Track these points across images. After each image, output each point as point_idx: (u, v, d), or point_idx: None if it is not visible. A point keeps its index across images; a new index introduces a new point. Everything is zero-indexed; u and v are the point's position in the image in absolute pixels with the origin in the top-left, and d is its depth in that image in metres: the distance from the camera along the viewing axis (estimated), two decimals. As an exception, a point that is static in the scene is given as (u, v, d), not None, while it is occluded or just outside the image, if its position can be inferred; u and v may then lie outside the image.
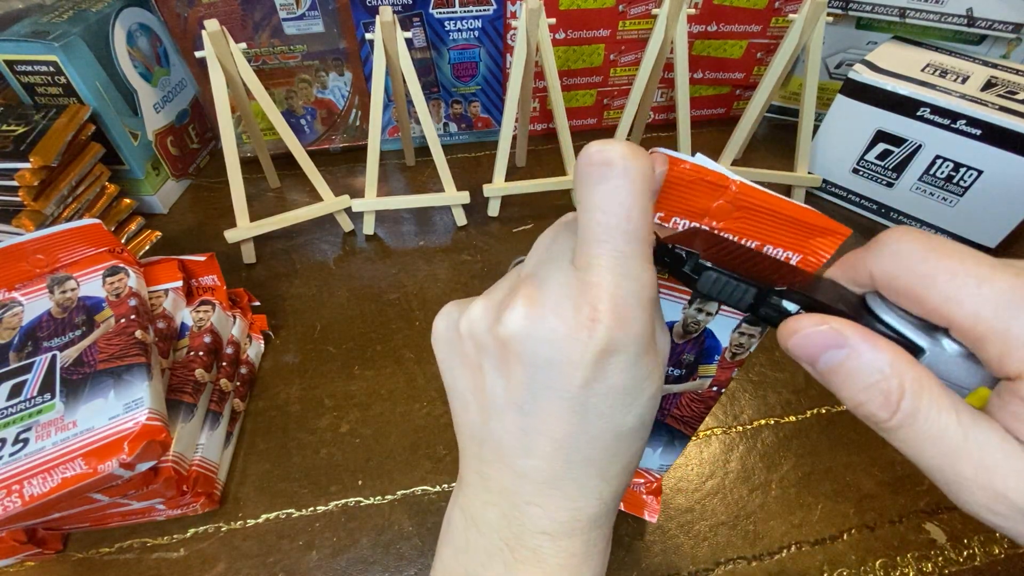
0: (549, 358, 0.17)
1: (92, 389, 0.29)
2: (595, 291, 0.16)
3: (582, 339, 0.16)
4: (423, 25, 0.52)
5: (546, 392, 0.18)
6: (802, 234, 0.18)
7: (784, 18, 0.56)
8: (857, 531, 0.32)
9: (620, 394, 0.17)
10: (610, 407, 0.18)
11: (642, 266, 0.16)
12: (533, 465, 0.19)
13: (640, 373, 0.17)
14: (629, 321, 0.16)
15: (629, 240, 0.16)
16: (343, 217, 0.51)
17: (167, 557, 0.31)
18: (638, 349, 0.17)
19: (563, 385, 0.17)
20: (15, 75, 0.44)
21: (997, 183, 0.44)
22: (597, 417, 0.18)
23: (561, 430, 0.18)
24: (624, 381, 0.17)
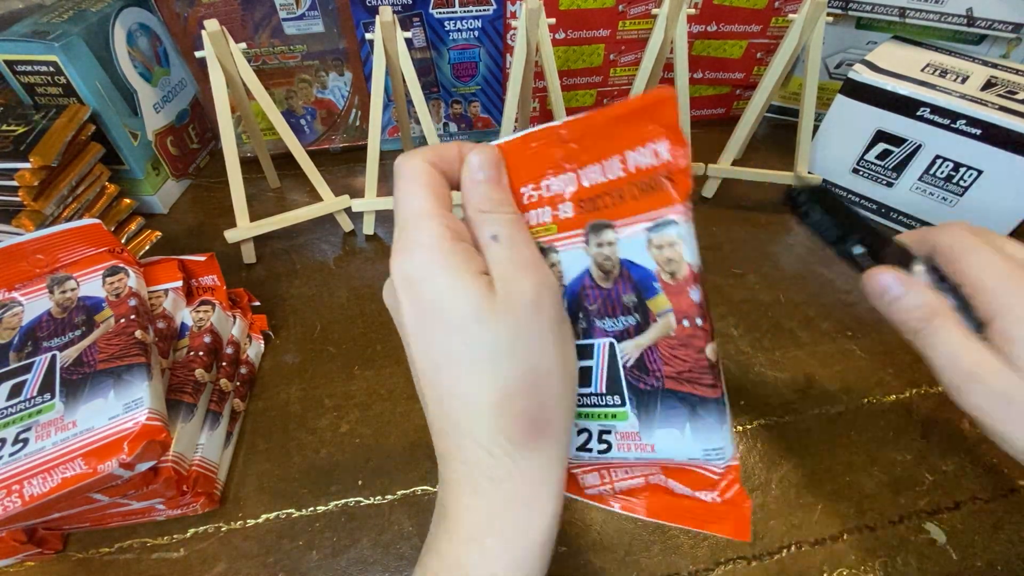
0: (391, 311, 0.23)
1: (92, 389, 0.29)
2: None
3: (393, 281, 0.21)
4: (423, 25, 0.52)
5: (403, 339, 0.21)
6: (641, 121, 0.20)
7: (784, 18, 0.56)
8: (857, 531, 0.32)
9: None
10: (431, 331, 0.20)
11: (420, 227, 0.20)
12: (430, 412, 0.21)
13: (443, 288, 0.19)
14: (406, 247, 0.20)
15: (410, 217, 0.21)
16: (343, 217, 0.51)
17: (167, 557, 0.31)
18: (428, 269, 0.19)
19: (403, 328, 0.21)
20: (15, 75, 0.44)
21: (997, 183, 0.44)
22: (423, 344, 0.20)
23: (416, 368, 0.21)
24: (429, 302, 0.20)
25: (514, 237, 0.21)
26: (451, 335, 0.19)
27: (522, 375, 0.19)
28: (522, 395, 0.19)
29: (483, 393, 0.19)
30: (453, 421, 0.20)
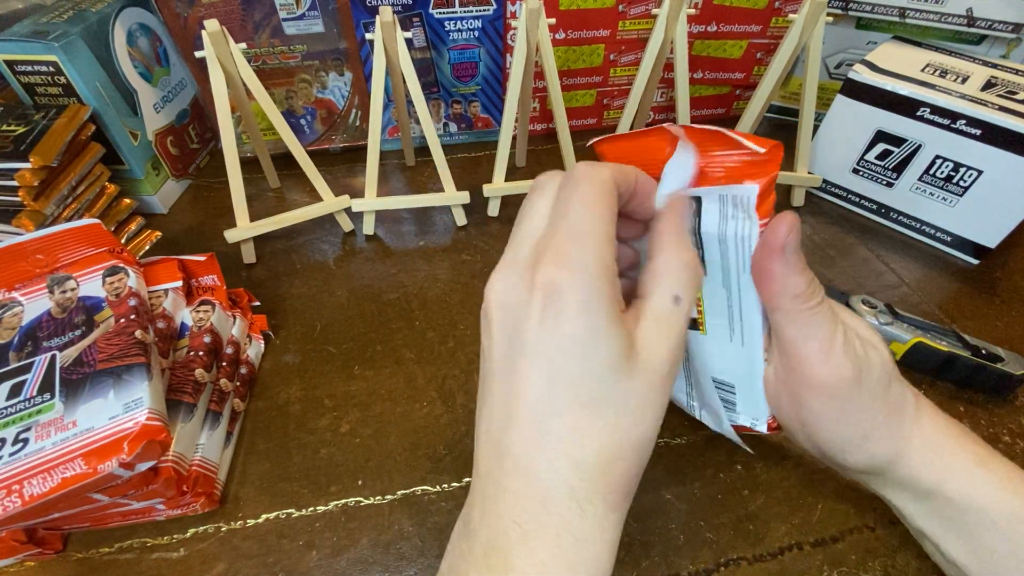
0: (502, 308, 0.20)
1: (92, 389, 0.29)
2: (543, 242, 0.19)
3: (526, 280, 0.19)
4: (423, 25, 0.52)
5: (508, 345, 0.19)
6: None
7: (784, 18, 0.56)
8: (857, 531, 0.32)
9: (570, 343, 0.18)
10: (563, 358, 0.18)
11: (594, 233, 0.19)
12: (512, 437, 0.19)
13: (594, 323, 0.18)
14: (574, 263, 0.18)
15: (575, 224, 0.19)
16: (343, 217, 0.51)
17: (167, 557, 0.31)
18: (587, 294, 0.18)
19: (521, 334, 0.19)
20: (15, 75, 0.44)
21: (997, 183, 0.44)
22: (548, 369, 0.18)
23: (526, 388, 0.19)
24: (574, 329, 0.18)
25: (690, 308, 0.20)
26: (583, 374, 0.18)
27: (635, 440, 0.19)
28: (628, 460, 0.19)
29: (597, 447, 0.18)
30: (544, 463, 0.18)
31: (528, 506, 0.18)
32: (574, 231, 0.18)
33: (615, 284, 0.18)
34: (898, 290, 0.46)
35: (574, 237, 0.18)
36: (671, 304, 0.19)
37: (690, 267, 0.20)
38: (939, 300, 0.45)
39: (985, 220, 0.46)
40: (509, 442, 0.19)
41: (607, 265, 0.18)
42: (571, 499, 0.18)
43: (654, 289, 0.20)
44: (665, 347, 0.19)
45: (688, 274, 0.20)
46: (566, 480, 0.18)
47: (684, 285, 0.20)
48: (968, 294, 0.46)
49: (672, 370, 0.19)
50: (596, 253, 0.18)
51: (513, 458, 0.19)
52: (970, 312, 0.44)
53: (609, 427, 0.18)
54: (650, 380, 0.19)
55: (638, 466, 0.19)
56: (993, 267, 0.48)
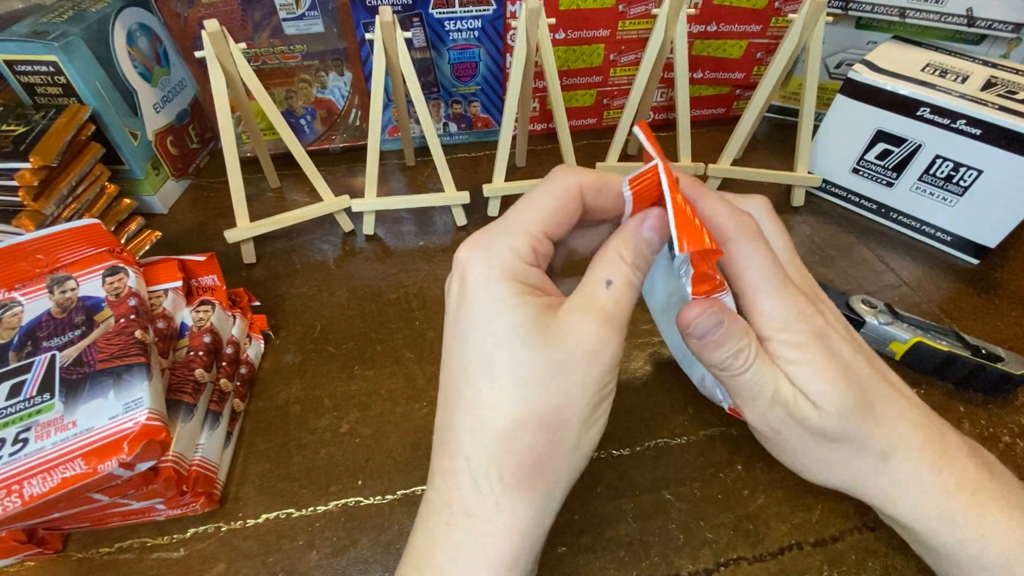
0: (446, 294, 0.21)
1: (92, 389, 0.29)
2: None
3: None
4: (423, 25, 0.52)
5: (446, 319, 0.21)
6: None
7: (784, 18, 0.56)
8: (857, 531, 0.32)
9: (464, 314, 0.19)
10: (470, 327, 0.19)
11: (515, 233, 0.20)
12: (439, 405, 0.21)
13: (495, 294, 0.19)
14: (482, 244, 0.20)
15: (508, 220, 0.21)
16: (343, 217, 0.51)
17: (167, 557, 0.31)
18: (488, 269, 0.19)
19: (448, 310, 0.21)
20: (15, 75, 0.44)
21: (997, 183, 0.44)
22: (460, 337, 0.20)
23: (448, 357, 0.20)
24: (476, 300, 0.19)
25: (624, 296, 0.20)
26: (491, 343, 0.18)
27: (544, 412, 0.18)
28: (535, 432, 0.18)
29: (497, 413, 0.18)
30: (455, 435, 0.19)
31: (435, 481, 0.19)
32: (505, 221, 0.20)
33: (522, 268, 0.19)
34: (898, 290, 0.46)
35: (500, 225, 0.20)
36: (601, 287, 0.20)
37: (622, 257, 0.21)
38: (939, 300, 0.45)
39: (985, 220, 0.46)
40: (437, 417, 0.21)
41: (517, 250, 0.19)
42: (467, 472, 0.18)
43: (587, 275, 0.21)
44: (587, 324, 0.19)
45: (621, 266, 0.21)
46: (465, 451, 0.18)
47: (617, 272, 0.20)
48: (968, 294, 0.46)
49: (597, 349, 0.19)
50: (510, 240, 0.19)
51: (437, 430, 0.20)
52: (970, 312, 0.44)
53: (510, 394, 0.18)
54: (564, 351, 0.18)
55: (547, 443, 0.18)
56: (993, 267, 0.48)
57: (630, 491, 0.33)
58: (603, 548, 0.31)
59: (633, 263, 0.21)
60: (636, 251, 0.21)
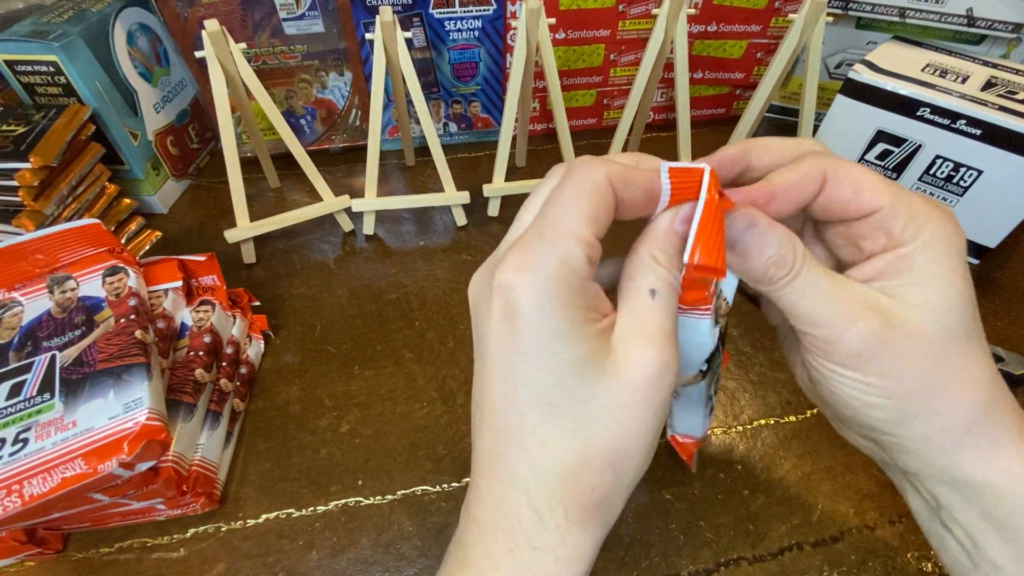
0: (474, 306, 0.19)
1: (92, 389, 0.29)
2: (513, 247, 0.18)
3: (488, 281, 0.18)
4: (423, 25, 0.52)
5: (478, 343, 0.19)
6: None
7: (784, 18, 0.56)
8: (857, 531, 0.32)
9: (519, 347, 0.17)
10: (520, 362, 0.17)
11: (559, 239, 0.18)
12: (482, 433, 0.19)
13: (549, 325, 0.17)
14: (529, 264, 0.17)
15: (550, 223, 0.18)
16: (343, 217, 0.51)
17: (167, 557, 0.31)
18: (541, 296, 0.17)
19: (484, 336, 0.18)
20: (15, 75, 0.44)
21: (997, 183, 0.44)
22: (508, 372, 0.18)
23: (491, 387, 0.18)
24: (527, 333, 0.17)
25: (669, 304, 0.19)
26: (547, 379, 0.17)
27: (607, 451, 0.17)
28: (598, 471, 0.17)
29: (559, 455, 0.17)
30: (510, 468, 0.18)
31: (487, 505, 0.18)
32: (544, 229, 0.18)
33: (580, 285, 0.17)
34: (898, 290, 0.46)
35: (541, 235, 0.18)
36: (647, 300, 0.18)
37: (657, 260, 0.19)
38: (939, 300, 0.45)
39: (985, 220, 0.46)
40: (479, 438, 0.19)
41: (572, 265, 0.17)
42: (528, 505, 0.17)
43: (627, 284, 0.19)
44: (642, 348, 0.17)
45: (659, 270, 0.19)
46: (524, 484, 0.17)
47: (657, 278, 0.18)
48: (968, 294, 0.46)
49: (658, 376, 0.17)
50: (560, 253, 0.17)
51: (480, 454, 0.19)
52: (970, 312, 0.44)
53: (571, 435, 0.17)
54: (625, 386, 0.17)
55: (612, 480, 0.17)
56: (993, 267, 0.48)
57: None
58: (603, 548, 0.31)
59: (669, 263, 0.19)
60: (672, 250, 0.19)
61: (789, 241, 0.19)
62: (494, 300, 0.18)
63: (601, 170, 0.18)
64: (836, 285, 0.19)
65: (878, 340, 0.18)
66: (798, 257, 0.19)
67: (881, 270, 0.19)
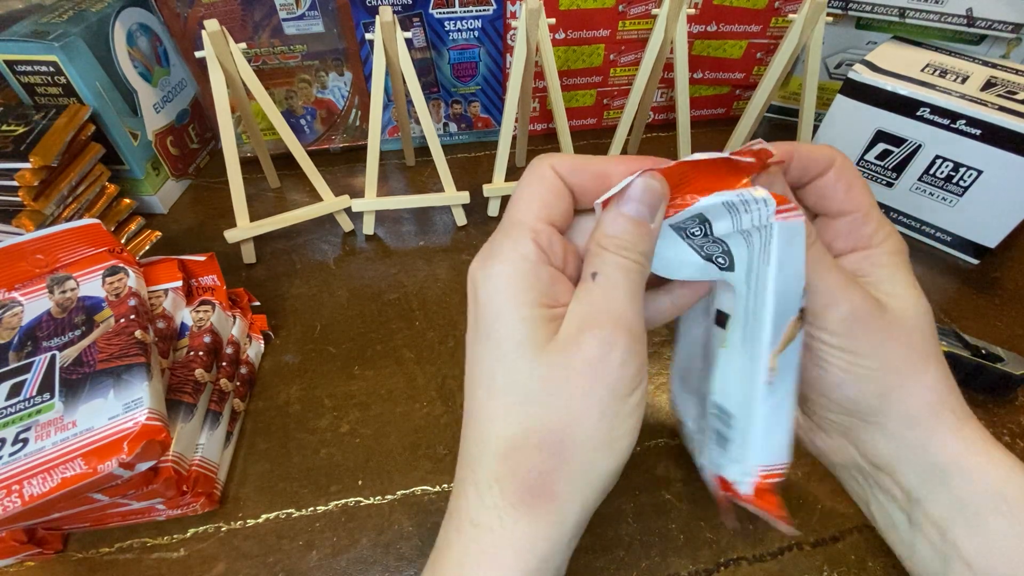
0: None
1: (91, 389, 0.29)
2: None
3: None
4: (423, 25, 0.52)
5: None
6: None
7: (784, 18, 0.56)
8: (857, 531, 0.32)
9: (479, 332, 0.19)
10: (477, 342, 0.19)
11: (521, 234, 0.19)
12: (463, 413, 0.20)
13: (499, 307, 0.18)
14: (487, 256, 0.19)
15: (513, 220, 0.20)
16: (343, 217, 0.51)
17: (167, 557, 0.31)
18: (493, 280, 0.19)
19: (468, 324, 0.20)
20: (15, 75, 0.44)
21: (997, 183, 0.44)
22: (472, 353, 0.20)
23: (469, 369, 0.20)
24: (481, 314, 0.19)
25: (614, 285, 0.18)
26: (492, 358, 0.18)
27: (544, 430, 0.17)
28: (535, 453, 0.17)
29: (496, 432, 0.18)
30: (466, 445, 0.19)
31: (456, 489, 0.19)
32: (502, 225, 0.20)
33: (532, 269, 0.18)
34: (898, 290, 0.46)
35: (499, 230, 0.20)
36: (588, 283, 0.19)
37: (601, 245, 0.19)
38: (939, 300, 0.45)
39: (985, 220, 0.46)
40: (462, 432, 0.20)
41: (520, 250, 0.18)
42: (473, 482, 0.18)
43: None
44: (583, 329, 0.17)
45: (598, 252, 0.19)
46: (471, 461, 0.18)
47: (600, 260, 0.19)
48: (968, 294, 0.46)
49: (600, 360, 0.17)
50: (512, 243, 0.19)
51: (462, 436, 0.20)
52: (970, 312, 0.44)
53: (511, 412, 0.18)
54: (565, 367, 0.17)
55: (553, 464, 0.17)
56: (993, 267, 0.48)
57: (630, 491, 0.33)
58: (603, 548, 0.31)
59: (619, 245, 0.19)
60: (618, 230, 0.19)
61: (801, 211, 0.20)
62: (469, 290, 0.20)
63: (546, 163, 0.20)
64: (837, 264, 0.21)
65: (868, 313, 0.20)
66: (813, 230, 0.20)
67: (857, 266, 0.22)
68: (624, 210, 0.19)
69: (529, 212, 0.19)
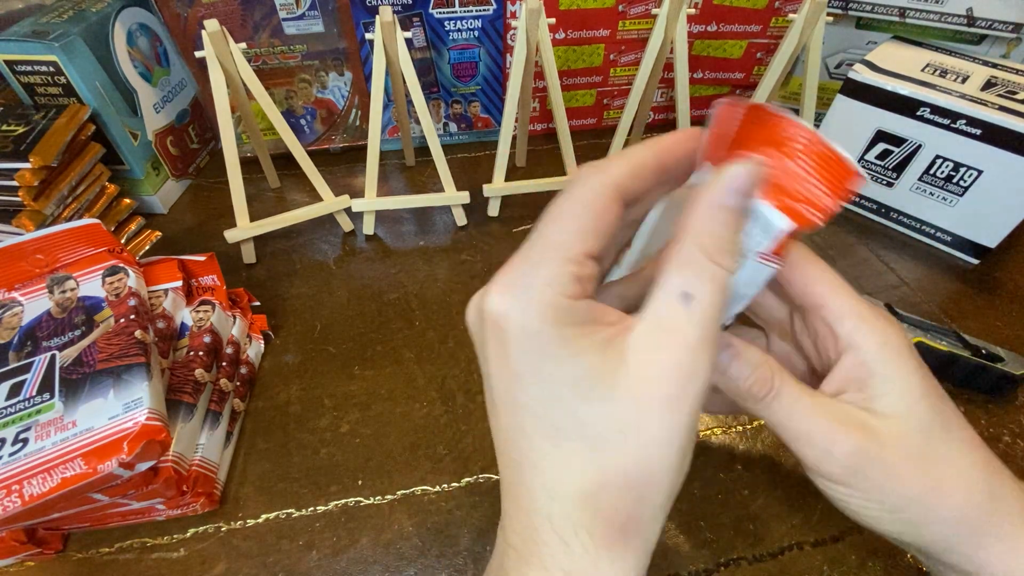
0: (473, 334, 0.19)
1: (91, 389, 0.29)
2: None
3: (476, 301, 0.18)
4: (423, 25, 0.52)
5: (483, 369, 0.18)
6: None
7: (784, 18, 0.56)
8: (857, 531, 0.32)
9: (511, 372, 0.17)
10: (519, 387, 0.17)
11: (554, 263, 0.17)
12: (502, 460, 0.18)
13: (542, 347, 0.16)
14: (514, 287, 0.17)
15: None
16: (343, 217, 0.51)
17: (167, 557, 0.31)
18: (528, 318, 0.16)
19: (485, 363, 0.18)
20: (15, 75, 0.44)
21: (997, 183, 0.44)
22: (510, 398, 0.17)
23: (499, 414, 0.18)
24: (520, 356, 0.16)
25: (711, 310, 0.16)
26: (546, 402, 0.16)
27: (626, 471, 0.16)
28: (618, 493, 0.16)
29: (573, 478, 0.16)
30: (529, 491, 0.17)
31: (518, 529, 0.17)
32: (534, 249, 0.17)
33: (568, 305, 0.16)
34: (898, 290, 0.46)
35: (527, 257, 0.17)
36: (676, 304, 0.16)
37: (704, 251, 0.16)
38: (939, 300, 0.45)
39: (985, 220, 0.46)
40: (501, 464, 0.18)
41: (555, 284, 0.16)
42: (552, 531, 0.16)
43: (659, 280, 0.17)
44: (660, 360, 0.16)
45: (699, 261, 0.16)
46: (544, 509, 0.16)
47: (697, 276, 0.16)
48: (968, 294, 0.46)
49: (681, 391, 0.16)
50: (546, 273, 0.16)
51: (504, 481, 0.18)
52: (970, 312, 0.44)
53: (583, 459, 0.16)
54: (638, 403, 0.16)
55: (636, 502, 0.16)
56: (993, 267, 0.48)
57: (630, 491, 0.33)
58: (603, 548, 0.31)
59: (716, 251, 0.16)
60: (720, 232, 0.16)
61: (763, 362, 0.20)
62: (487, 328, 0.17)
63: (602, 177, 0.17)
64: (817, 402, 0.20)
65: (865, 454, 0.19)
66: (776, 373, 0.20)
67: (845, 381, 0.20)
68: (728, 203, 0.16)
69: (573, 240, 0.17)
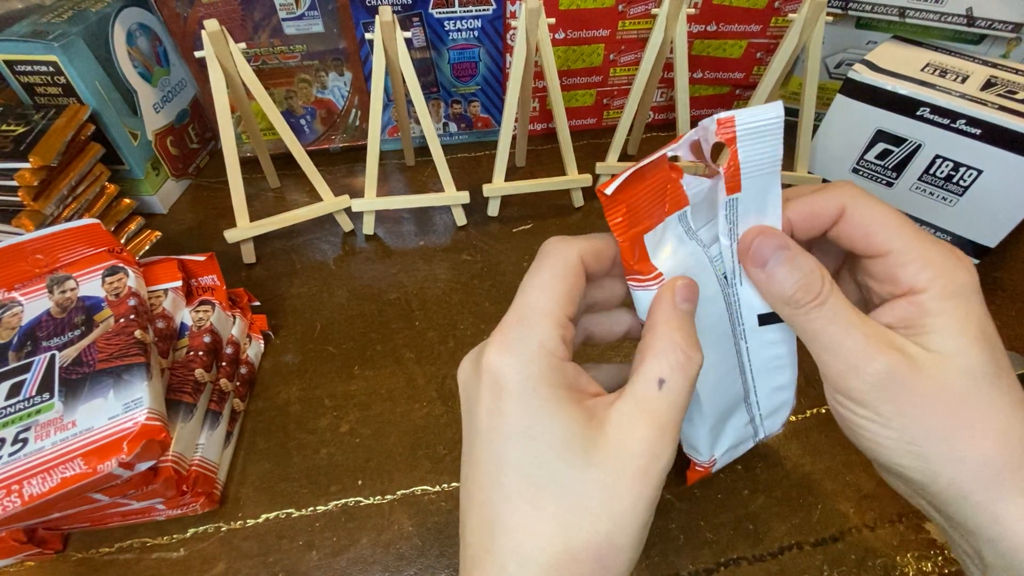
0: (463, 390, 0.20)
1: (91, 389, 0.29)
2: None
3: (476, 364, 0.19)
4: (423, 25, 0.52)
5: (468, 426, 0.19)
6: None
7: (784, 18, 0.56)
8: (857, 531, 0.32)
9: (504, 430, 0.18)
10: (507, 442, 0.17)
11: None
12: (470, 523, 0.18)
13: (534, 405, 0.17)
14: (511, 346, 0.18)
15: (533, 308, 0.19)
16: (343, 217, 0.51)
17: (167, 557, 0.31)
18: (525, 376, 0.17)
19: (474, 419, 0.19)
20: (15, 75, 0.44)
21: (997, 183, 0.44)
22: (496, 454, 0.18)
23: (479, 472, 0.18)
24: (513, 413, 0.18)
25: (681, 395, 0.18)
26: (530, 462, 0.17)
27: (594, 542, 0.16)
28: (586, 563, 0.16)
29: (544, 543, 0.16)
30: (496, 559, 0.17)
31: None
32: (523, 312, 0.19)
33: (558, 366, 0.18)
34: (898, 290, 0.46)
35: (521, 319, 0.18)
36: (653, 388, 0.18)
37: (679, 348, 0.18)
38: (939, 300, 0.45)
39: (985, 220, 0.46)
40: (467, 528, 0.18)
41: (549, 347, 0.18)
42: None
43: (637, 368, 0.19)
44: (639, 436, 0.17)
45: (676, 355, 0.18)
46: (509, 574, 0.17)
47: (672, 367, 0.18)
48: (968, 294, 0.46)
49: (651, 465, 0.17)
50: (538, 335, 0.18)
51: (468, 547, 0.18)
52: (970, 312, 0.44)
53: (558, 522, 0.16)
54: (616, 471, 0.17)
55: (601, 569, 0.17)
56: (993, 267, 0.48)
57: (630, 491, 0.33)
58: (603, 548, 0.31)
59: (688, 346, 0.18)
60: (688, 328, 0.19)
61: (817, 269, 0.19)
62: (483, 383, 0.18)
63: (571, 248, 0.19)
64: (862, 320, 0.19)
65: (898, 377, 0.18)
66: (826, 285, 0.19)
67: (900, 318, 0.19)
68: (682, 306, 0.19)
69: (555, 305, 0.18)
